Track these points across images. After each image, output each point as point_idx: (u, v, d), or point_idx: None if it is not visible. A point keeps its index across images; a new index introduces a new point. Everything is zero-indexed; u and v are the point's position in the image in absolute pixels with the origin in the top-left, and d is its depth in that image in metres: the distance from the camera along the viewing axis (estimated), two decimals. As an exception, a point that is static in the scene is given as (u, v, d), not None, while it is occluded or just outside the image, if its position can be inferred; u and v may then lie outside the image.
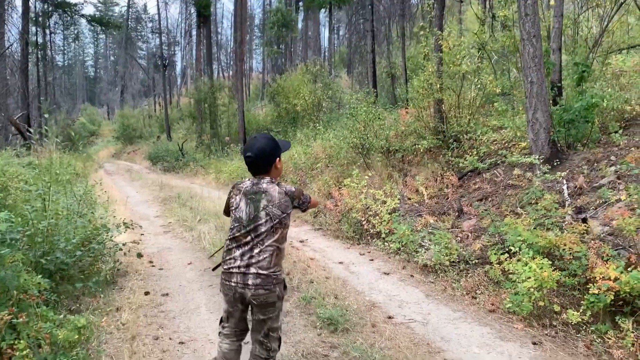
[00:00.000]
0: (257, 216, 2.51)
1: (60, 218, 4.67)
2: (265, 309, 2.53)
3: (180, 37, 60.36)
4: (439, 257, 5.29)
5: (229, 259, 2.55)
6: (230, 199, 2.66)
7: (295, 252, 6.34)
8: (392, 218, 6.82)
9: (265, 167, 2.61)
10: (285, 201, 2.55)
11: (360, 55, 23.74)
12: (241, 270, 2.48)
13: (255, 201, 2.53)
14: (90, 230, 4.97)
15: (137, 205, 10.80)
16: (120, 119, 40.79)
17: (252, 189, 2.58)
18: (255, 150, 2.56)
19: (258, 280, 2.46)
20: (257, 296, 2.47)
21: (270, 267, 2.49)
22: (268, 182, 2.59)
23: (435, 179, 8.54)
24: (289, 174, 12.15)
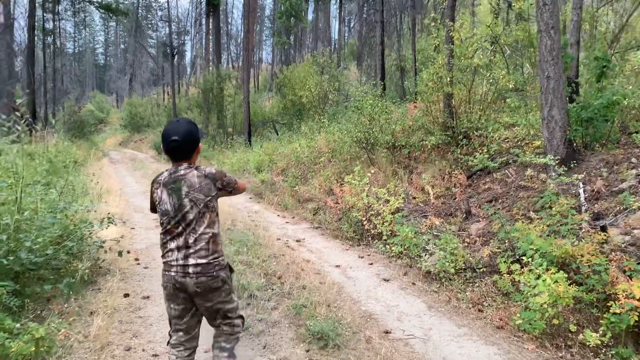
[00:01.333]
0: (181, 204, 2.47)
1: (37, 212, 4.31)
2: (210, 295, 2.51)
3: (190, 26, 59.93)
4: (443, 264, 4.89)
5: (166, 252, 2.52)
6: (153, 194, 2.60)
7: (290, 252, 5.96)
8: (395, 219, 6.42)
9: (189, 151, 2.55)
10: (207, 184, 2.52)
11: (370, 47, 23.22)
12: (180, 262, 2.46)
13: (175, 190, 2.49)
14: (67, 225, 4.62)
15: (134, 197, 10.47)
16: (128, 107, 40.67)
17: (170, 178, 2.52)
18: (182, 134, 2.48)
19: (198, 268, 2.44)
20: (200, 284, 2.44)
21: (209, 255, 2.47)
22: (186, 168, 2.53)
23: (442, 177, 8.12)
24: (291, 167, 11.77)
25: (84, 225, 4.92)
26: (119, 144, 36.92)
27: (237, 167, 14.18)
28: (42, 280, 4.04)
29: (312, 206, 8.46)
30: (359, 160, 9.51)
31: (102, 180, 11.69)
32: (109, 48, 77.10)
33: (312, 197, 9.01)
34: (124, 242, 6.43)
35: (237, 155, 15.70)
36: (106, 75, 73.26)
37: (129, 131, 38.72)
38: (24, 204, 4.38)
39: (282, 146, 14.49)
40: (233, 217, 7.73)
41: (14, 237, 3.72)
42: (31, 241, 3.79)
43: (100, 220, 5.14)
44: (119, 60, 69.67)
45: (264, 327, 3.85)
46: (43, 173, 8.23)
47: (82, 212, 5.54)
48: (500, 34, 10.61)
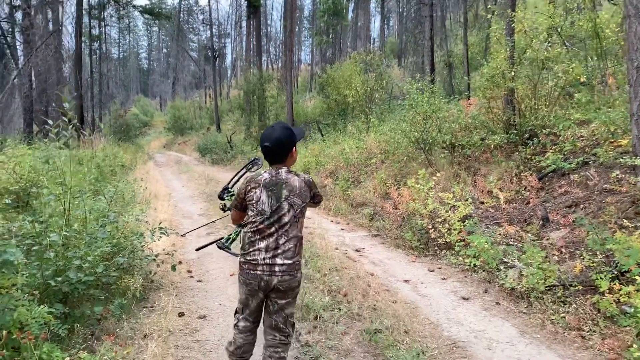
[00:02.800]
0: (279, 207, 2.54)
1: (86, 225, 4.00)
2: (288, 294, 2.61)
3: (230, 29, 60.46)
4: (532, 280, 4.30)
5: (252, 251, 2.56)
6: (248, 193, 2.62)
7: (352, 264, 5.48)
8: (465, 226, 5.85)
9: (282, 156, 2.63)
10: (305, 190, 2.62)
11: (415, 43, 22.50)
12: (267, 262, 2.52)
13: (276, 192, 2.56)
14: (118, 238, 4.29)
15: (181, 202, 10.24)
16: (171, 110, 41.23)
17: (271, 180, 2.59)
18: (273, 140, 2.59)
19: (284, 267, 2.53)
20: (283, 282, 2.54)
21: (294, 257, 2.58)
22: (286, 172, 2.62)
23: (510, 179, 7.46)
24: (340, 169, 11.30)
25: (135, 237, 4.58)
26: (163, 146, 37.45)
27: (282, 169, 13.82)
28: (92, 299, 3.71)
29: (368, 211, 7.95)
30: (416, 162, 8.94)
31: (149, 184, 11.55)
32: (152, 52, 78.80)
33: (367, 202, 8.50)
34: (175, 250, 6.13)
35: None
36: (150, 79, 74.86)
37: (173, 134, 39.25)
38: (72, 216, 4.09)
39: (329, 147, 14.04)
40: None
41: (62, 255, 3.39)
42: (80, 258, 3.46)
43: (152, 231, 4.80)
44: (161, 64, 71.08)
45: (336, 356, 3.38)
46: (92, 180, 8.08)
47: (133, 222, 5.24)
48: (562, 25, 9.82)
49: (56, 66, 18.60)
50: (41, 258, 3.22)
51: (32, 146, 8.95)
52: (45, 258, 3.25)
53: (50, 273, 3.22)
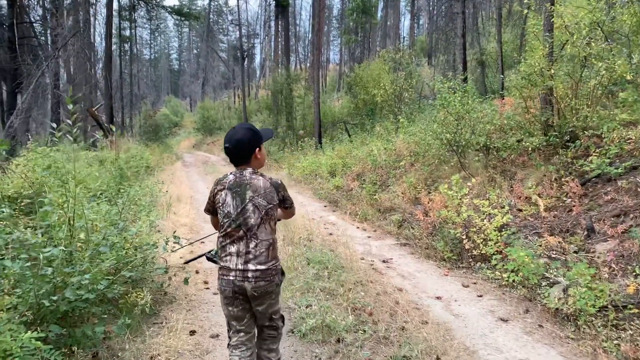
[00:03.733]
0: (244, 209, 2.51)
1: (89, 238, 3.72)
2: (264, 298, 2.56)
3: (259, 29, 60.54)
4: (581, 302, 3.83)
5: (224, 256, 2.54)
6: (216, 196, 2.61)
7: (379, 278, 5.08)
8: (502, 237, 5.39)
9: (244, 157, 2.59)
10: (270, 191, 2.56)
11: (447, 41, 21.86)
12: (239, 267, 2.49)
13: (240, 194, 2.53)
14: (127, 249, 4.01)
15: (203, 204, 9.99)
16: (200, 110, 41.52)
17: (235, 182, 2.56)
18: (234, 141, 2.56)
19: (257, 273, 2.48)
20: (258, 287, 2.49)
21: (268, 261, 2.52)
22: (251, 173, 2.58)
23: (550, 185, 6.93)
24: (367, 172, 10.89)
25: (147, 247, 4.30)
26: (193, 146, 37.67)
27: (308, 171, 13.49)
28: (95, 317, 3.43)
29: (396, 217, 7.52)
30: (448, 165, 8.47)
31: (174, 186, 11.39)
32: (183, 53, 79.75)
33: (395, 207, 8.08)
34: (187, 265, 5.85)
35: (308, 158, 15.02)
36: (180, 80, 75.76)
37: (202, 134, 39.48)
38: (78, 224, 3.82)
39: (356, 148, 13.64)
40: (308, 229, 6.97)
41: (61, 271, 3.11)
42: (83, 273, 3.18)
43: (166, 241, 4.51)
44: (192, 65, 71.82)
45: (359, 388, 3.01)
46: (110, 182, 7.89)
47: (147, 230, 4.97)
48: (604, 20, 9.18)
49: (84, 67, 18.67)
50: (36, 274, 2.94)
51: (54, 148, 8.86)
52: (41, 275, 2.98)
53: (46, 292, 2.94)
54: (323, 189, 11.13)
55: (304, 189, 12.20)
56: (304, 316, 3.95)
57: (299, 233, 6.63)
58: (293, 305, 4.26)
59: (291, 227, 6.69)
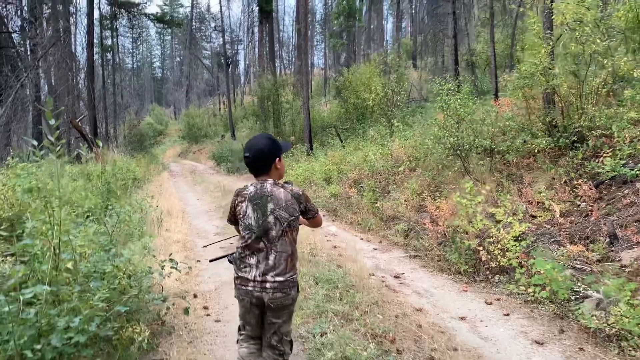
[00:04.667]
0: (265, 221, 2.48)
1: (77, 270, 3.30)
2: (280, 312, 2.53)
3: (243, 35, 60.13)
4: (624, 322, 3.49)
5: (244, 267, 2.54)
6: (237, 207, 2.60)
7: (394, 297, 4.70)
8: (519, 247, 5.05)
9: (264, 167, 2.57)
10: (292, 203, 2.52)
11: (434, 43, 21.67)
12: (258, 279, 2.47)
13: (261, 206, 2.50)
14: (120, 279, 3.59)
15: (196, 218, 9.56)
16: (185, 118, 41.05)
17: (256, 193, 2.53)
18: (254, 150, 2.54)
19: (276, 284, 2.46)
20: (275, 299, 2.47)
21: (287, 273, 2.49)
22: (272, 184, 2.55)
23: (562, 188, 6.63)
24: (364, 178, 10.53)
25: (142, 275, 3.88)
26: (178, 155, 37.12)
27: (302, 178, 13.09)
28: (87, 359, 3.00)
29: (402, 227, 7.16)
30: (451, 170, 8.14)
31: (163, 199, 10.91)
32: (166, 61, 78.99)
33: (399, 215, 7.72)
34: (189, 280, 5.43)
35: (300, 165, 14.62)
36: (164, 88, 75.00)
37: (188, 142, 38.97)
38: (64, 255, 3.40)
39: (349, 154, 13.28)
40: (311, 242, 6.58)
41: (46, 312, 2.69)
42: (68, 314, 2.77)
43: (161, 265, 4.10)
44: (175, 72, 71.13)
45: None
46: (97, 200, 7.44)
47: (140, 253, 4.55)
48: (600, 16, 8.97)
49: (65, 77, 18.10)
50: (16, 319, 2.52)
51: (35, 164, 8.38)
52: (22, 318, 2.56)
53: (28, 339, 2.52)
54: (319, 197, 10.73)
55: (298, 197, 11.82)
56: (320, 347, 3.55)
57: (302, 247, 6.23)
58: (306, 333, 3.86)
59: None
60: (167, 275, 4.05)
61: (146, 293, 3.89)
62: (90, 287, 3.09)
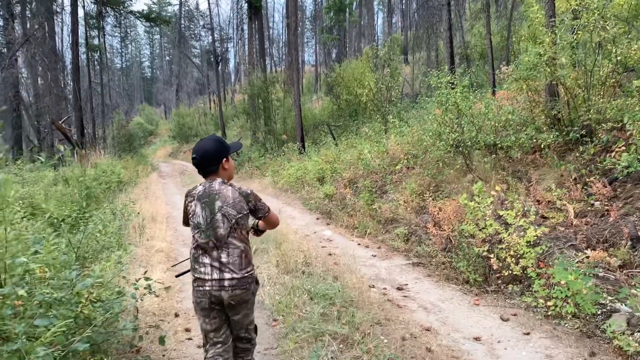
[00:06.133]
0: (213, 219, 2.51)
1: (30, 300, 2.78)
2: (241, 307, 2.56)
3: (232, 32, 59.41)
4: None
5: (199, 268, 2.54)
6: (187, 207, 2.63)
7: (398, 313, 4.21)
8: (535, 254, 4.58)
9: (211, 167, 2.60)
10: (240, 201, 2.56)
11: (427, 36, 21.20)
12: (215, 277, 2.49)
13: (209, 204, 2.53)
14: (81, 307, 3.07)
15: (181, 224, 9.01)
16: (175, 118, 40.53)
17: (204, 192, 2.57)
18: (201, 152, 2.59)
19: (234, 282, 2.48)
20: (235, 296, 2.50)
21: (242, 269, 2.52)
22: (220, 183, 2.58)
23: (574, 186, 6.17)
24: (360, 178, 10.05)
25: (112, 299, 3.36)
26: (169, 155, 36.54)
27: (294, 178, 12.58)
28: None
29: (401, 231, 6.67)
30: (453, 168, 7.66)
31: (148, 202, 10.38)
32: (155, 61, 78.08)
33: (398, 218, 7.23)
34: (170, 296, 4.91)
35: (293, 164, 14.11)
36: (153, 88, 74.19)
37: (178, 142, 38.42)
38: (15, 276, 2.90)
39: (343, 152, 12.79)
40: (304, 249, 6.08)
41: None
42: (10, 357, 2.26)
43: (135, 287, 3.59)
44: (164, 72, 70.31)
45: None
46: (72, 206, 6.91)
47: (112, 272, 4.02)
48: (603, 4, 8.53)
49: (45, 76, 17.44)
50: None
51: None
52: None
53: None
54: (313, 198, 10.24)
55: (291, 198, 11.30)
56: (318, 380, 3.06)
57: (295, 255, 5.74)
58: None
59: (285, 249, 5.79)
60: (140, 298, 3.54)
61: (116, 320, 3.37)
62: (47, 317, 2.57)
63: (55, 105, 18.90)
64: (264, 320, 4.21)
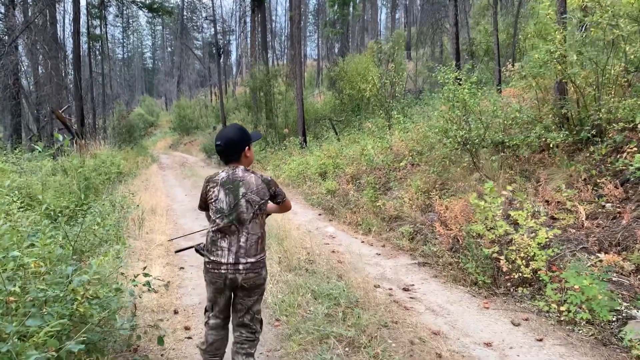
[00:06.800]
0: (237, 204, 2.58)
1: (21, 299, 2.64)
2: (252, 291, 2.65)
3: (235, 24, 59.09)
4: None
5: (216, 251, 2.60)
6: (208, 192, 2.67)
7: (405, 315, 4.07)
8: (546, 256, 4.44)
9: (234, 155, 2.67)
10: (262, 187, 2.65)
11: (432, 32, 20.99)
12: (230, 260, 2.56)
13: (233, 190, 2.59)
14: (78, 305, 2.93)
15: (183, 216, 8.88)
16: (176, 109, 40.34)
17: (228, 179, 2.63)
18: (225, 139, 2.65)
19: (248, 265, 2.57)
20: (248, 279, 2.58)
21: (257, 254, 2.62)
22: (243, 170, 2.66)
23: (584, 187, 6.02)
24: (363, 174, 9.90)
25: (109, 295, 3.22)
26: (169, 146, 36.38)
27: (295, 172, 12.43)
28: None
29: (407, 229, 6.52)
30: (460, 166, 7.51)
31: (148, 194, 10.24)
32: (157, 52, 77.78)
33: (403, 216, 7.09)
34: (169, 292, 4.77)
35: (294, 159, 13.95)
36: (155, 79, 73.93)
37: (179, 133, 38.25)
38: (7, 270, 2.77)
39: (345, 147, 12.64)
40: (307, 246, 5.95)
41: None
42: None
43: (133, 283, 3.45)
44: (166, 63, 70.01)
45: None
46: (71, 197, 6.77)
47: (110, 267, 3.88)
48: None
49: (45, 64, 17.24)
50: None
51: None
52: None
53: None
54: (315, 193, 10.10)
55: (293, 193, 11.16)
56: (323, 387, 2.93)
57: (297, 252, 5.60)
58: (305, 366, 3.23)
59: (287, 246, 5.66)
60: (139, 295, 3.41)
61: (113, 318, 3.23)
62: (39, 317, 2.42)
63: (56, 94, 18.70)
64: (266, 319, 4.07)
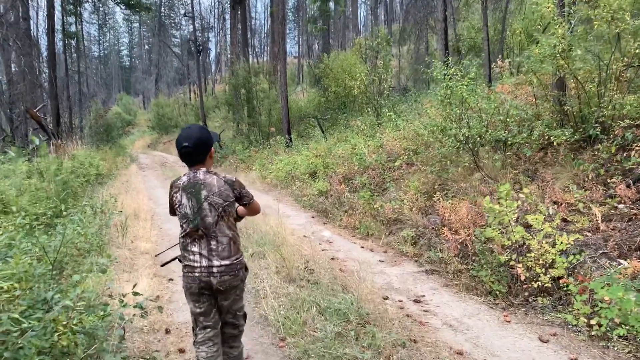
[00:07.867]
0: (200, 208, 2.52)
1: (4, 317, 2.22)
2: (229, 293, 2.60)
3: (214, 21, 58.26)
4: None
5: (188, 255, 2.55)
6: (173, 198, 2.61)
7: (422, 332, 3.72)
8: (570, 263, 4.15)
9: (201, 156, 2.57)
10: (226, 189, 2.56)
11: (418, 28, 20.76)
12: (203, 264, 2.51)
13: (195, 194, 2.53)
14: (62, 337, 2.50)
15: (167, 221, 8.38)
16: (155, 108, 39.57)
17: (189, 182, 2.55)
18: (194, 139, 2.51)
19: (222, 268, 2.51)
20: (223, 282, 2.52)
21: (231, 256, 2.55)
22: (204, 172, 2.57)
23: (595, 187, 5.77)
24: (355, 174, 9.55)
25: (96, 323, 2.79)
26: (148, 146, 35.62)
27: (283, 173, 12.02)
28: None
29: (409, 233, 6.18)
30: (461, 166, 7.21)
31: (129, 197, 9.73)
32: (134, 49, 76.26)
33: (402, 219, 6.75)
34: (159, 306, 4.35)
35: (282, 158, 13.54)
36: (132, 77, 72.51)
37: (157, 132, 37.52)
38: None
39: (334, 145, 12.28)
40: (305, 253, 5.57)
41: None
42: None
43: (122, 302, 3.03)
44: (143, 61, 68.76)
45: None
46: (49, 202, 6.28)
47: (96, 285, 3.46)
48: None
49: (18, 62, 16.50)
50: None
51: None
52: None
53: None
54: (305, 195, 9.71)
55: (282, 194, 10.75)
56: None
57: (295, 261, 5.22)
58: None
59: (285, 254, 5.27)
60: (130, 320, 2.99)
61: (101, 349, 2.81)
62: None
63: (30, 92, 17.93)
64: (269, 339, 3.68)
